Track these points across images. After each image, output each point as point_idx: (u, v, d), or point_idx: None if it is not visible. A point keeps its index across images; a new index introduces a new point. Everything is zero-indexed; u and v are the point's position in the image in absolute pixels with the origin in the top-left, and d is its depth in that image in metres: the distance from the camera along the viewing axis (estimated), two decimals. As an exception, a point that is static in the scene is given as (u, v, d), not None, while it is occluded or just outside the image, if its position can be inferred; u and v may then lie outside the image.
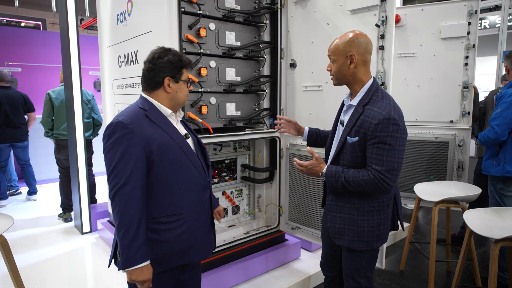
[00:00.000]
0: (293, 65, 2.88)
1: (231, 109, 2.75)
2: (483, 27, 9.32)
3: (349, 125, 1.66)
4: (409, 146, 3.69)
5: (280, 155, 3.01)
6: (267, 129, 2.90)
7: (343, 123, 1.74)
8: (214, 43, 2.60)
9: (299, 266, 3.03)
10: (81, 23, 9.79)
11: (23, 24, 11.04)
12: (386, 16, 2.21)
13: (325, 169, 1.69)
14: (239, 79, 2.77)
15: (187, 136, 1.65)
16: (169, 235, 1.51)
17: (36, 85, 7.10)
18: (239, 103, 2.79)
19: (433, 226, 2.66)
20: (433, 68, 3.64)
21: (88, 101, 4.23)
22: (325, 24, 2.59)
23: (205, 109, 2.54)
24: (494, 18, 9.17)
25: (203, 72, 2.49)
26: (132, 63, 2.82)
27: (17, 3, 9.43)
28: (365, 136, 1.58)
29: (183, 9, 2.35)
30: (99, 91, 7.45)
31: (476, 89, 3.53)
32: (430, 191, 2.83)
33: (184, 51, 2.38)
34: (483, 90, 7.87)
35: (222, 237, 2.85)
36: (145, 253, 1.41)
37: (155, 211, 1.50)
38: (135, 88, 2.80)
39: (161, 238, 1.49)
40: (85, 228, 3.81)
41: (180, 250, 1.55)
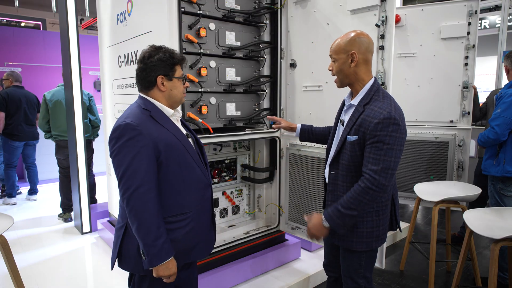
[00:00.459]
0: (293, 65, 2.88)
1: (231, 109, 2.75)
2: (483, 27, 9.33)
3: (349, 124, 1.66)
4: (409, 146, 3.69)
5: (280, 155, 3.01)
6: (267, 129, 2.90)
7: (343, 123, 1.74)
8: (214, 43, 2.60)
9: (299, 266, 3.03)
10: (81, 23, 9.79)
11: (23, 24, 11.04)
12: (386, 16, 2.21)
13: (322, 216, 1.66)
14: (239, 79, 2.77)
15: (188, 135, 1.66)
16: (177, 234, 1.53)
17: (36, 85, 7.09)
18: (239, 103, 2.79)
19: (433, 226, 2.66)
20: (433, 68, 3.64)
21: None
22: (325, 24, 2.59)
23: (205, 109, 2.54)
24: (494, 18, 9.17)
25: (203, 72, 2.50)
26: (132, 63, 2.82)
27: (17, 3, 9.43)
28: (364, 135, 1.58)
29: (183, 9, 2.36)
30: (99, 91, 7.45)
31: (475, 90, 3.53)
32: (430, 191, 2.83)
33: (184, 51, 2.38)
34: (483, 90, 7.87)
35: (222, 237, 2.85)
36: (169, 250, 1.45)
37: (163, 211, 1.51)
38: (135, 88, 2.79)
39: (170, 237, 1.51)
40: (85, 228, 3.81)
41: (186, 248, 1.57)
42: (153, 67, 1.53)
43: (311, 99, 2.77)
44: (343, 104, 1.82)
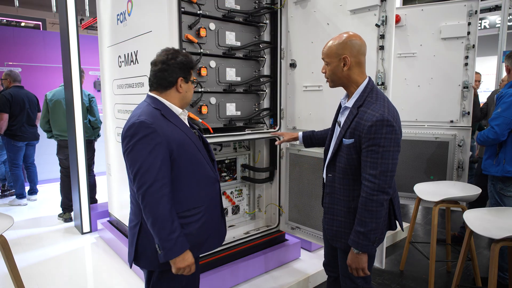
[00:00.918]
0: (293, 65, 2.88)
1: (231, 109, 2.75)
2: (483, 27, 9.33)
3: (344, 127, 1.66)
4: (409, 146, 3.69)
5: (280, 155, 3.01)
6: (267, 129, 2.90)
7: (340, 124, 1.74)
8: (214, 43, 2.60)
9: (299, 266, 3.03)
10: (81, 23, 9.79)
11: (23, 24, 11.04)
12: (386, 16, 2.21)
13: (352, 248, 1.62)
14: (239, 79, 2.77)
15: (195, 133, 1.72)
16: (191, 229, 1.58)
17: (36, 85, 7.09)
18: (239, 103, 2.79)
19: (433, 226, 2.66)
20: (433, 68, 3.64)
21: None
22: (325, 24, 2.59)
23: (205, 109, 2.54)
24: (494, 18, 9.17)
25: (203, 72, 2.49)
26: (132, 63, 2.82)
27: (17, 3, 9.43)
28: (360, 138, 1.58)
29: (183, 9, 2.36)
30: (99, 91, 7.45)
31: (475, 90, 3.53)
32: (430, 191, 2.83)
33: (184, 51, 2.38)
34: (483, 90, 7.86)
35: (222, 237, 2.85)
36: (183, 243, 1.49)
37: (176, 207, 1.55)
38: (135, 88, 2.79)
39: (184, 232, 1.55)
40: (85, 228, 3.81)
41: (198, 242, 1.62)
42: (175, 69, 1.59)
43: (311, 99, 2.77)
44: (340, 105, 1.82)
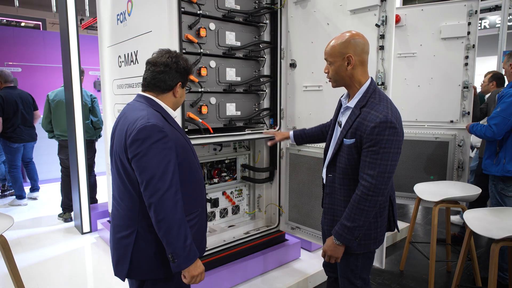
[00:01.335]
0: (293, 65, 2.88)
1: (231, 109, 2.75)
2: (483, 27, 9.33)
3: (346, 127, 1.65)
4: (409, 146, 3.69)
5: (280, 155, 3.01)
6: (267, 129, 2.90)
7: (340, 124, 1.73)
8: (214, 43, 2.60)
9: (299, 266, 3.03)
10: (81, 23, 9.79)
11: (23, 24, 11.04)
12: (386, 16, 2.21)
13: (333, 237, 1.65)
14: (239, 79, 2.77)
15: None
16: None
17: (36, 85, 7.11)
18: (239, 103, 2.79)
19: (433, 226, 2.66)
20: (433, 68, 3.64)
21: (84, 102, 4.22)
22: (325, 24, 2.59)
23: (205, 109, 2.54)
24: (494, 18, 9.17)
25: (203, 72, 2.49)
26: (132, 63, 2.82)
27: (17, 3, 9.43)
28: (361, 138, 1.57)
29: (183, 9, 2.35)
30: (99, 91, 7.45)
31: (475, 90, 3.53)
32: (430, 191, 2.83)
33: (184, 51, 2.38)
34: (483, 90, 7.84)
35: (222, 237, 2.85)
36: (195, 249, 1.46)
37: None
38: (135, 88, 2.79)
39: None
40: (85, 228, 3.81)
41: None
42: (176, 74, 1.56)
43: (311, 99, 2.77)
44: (340, 104, 1.80)
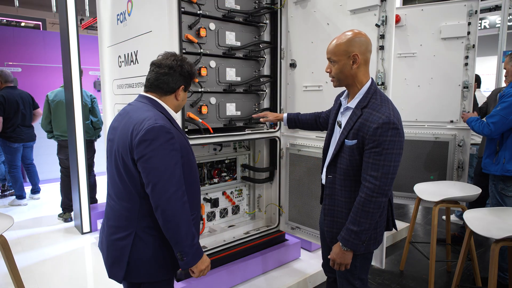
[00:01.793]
0: (293, 65, 2.88)
1: (231, 109, 2.75)
2: (483, 27, 9.33)
3: (347, 128, 1.63)
4: (409, 146, 3.69)
5: (280, 155, 3.01)
6: (267, 129, 2.90)
7: (340, 124, 1.72)
8: (214, 43, 2.60)
9: (299, 266, 3.03)
10: (81, 23, 9.79)
11: (23, 24, 11.04)
12: (386, 16, 2.21)
13: (340, 243, 1.64)
14: (239, 79, 2.77)
15: None
16: None
17: (36, 85, 7.10)
18: (239, 103, 2.79)
19: (433, 226, 2.66)
20: (433, 68, 3.64)
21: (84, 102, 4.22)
22: (325, 24, 2.59)
23: (205, 109, 2.54)
24: (494, 18, 9.17)
25: (203, 72, 2.49)
26: (132, 63, 2.82)
27: (17, 3, 9.43)
28: (363, 139, 1.56)
29: (183, 9, 2.36)
30: (99, 91, 7.45)
31: (475, 88, 3.53)
32: (430, 191, 2.83)
33: (184, 51, 2.38)
34: (483, 90, 7.85)
35: (222, 237, 2.85)
36: (200, 246, 1.51)
37: None
38: (135, 88, 2.79)
39: None
40: (85, 228, 3.81)
41: None
42: (180, 77, 1.56)
43: (311, 99, 2.77)
44: (339, 104, 1.79)
